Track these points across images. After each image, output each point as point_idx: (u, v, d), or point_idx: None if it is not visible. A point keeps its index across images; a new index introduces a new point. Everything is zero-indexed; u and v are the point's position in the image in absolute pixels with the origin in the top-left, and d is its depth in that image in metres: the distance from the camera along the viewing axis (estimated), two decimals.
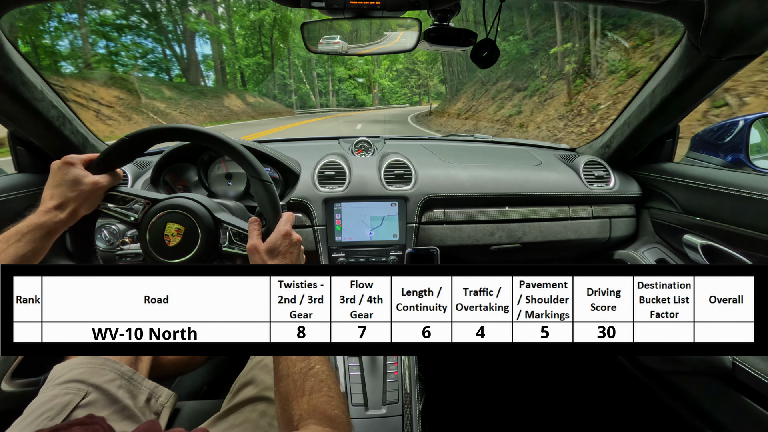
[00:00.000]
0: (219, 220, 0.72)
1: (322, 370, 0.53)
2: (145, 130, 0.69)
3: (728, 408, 0.93)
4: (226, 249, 0.71)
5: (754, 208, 0.87)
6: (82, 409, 0.62)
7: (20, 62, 0.85)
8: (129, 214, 0.72)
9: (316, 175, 1.16)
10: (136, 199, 0.72)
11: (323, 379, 0.52)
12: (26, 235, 0.59)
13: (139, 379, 0.72)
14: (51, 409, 0.60)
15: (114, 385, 0.67)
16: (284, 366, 0.54)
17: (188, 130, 0.70)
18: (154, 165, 1.07)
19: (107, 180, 0.68)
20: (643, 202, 1.26)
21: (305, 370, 0.53)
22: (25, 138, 1.00)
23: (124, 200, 0.72)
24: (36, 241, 0.59)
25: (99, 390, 0.65)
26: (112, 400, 0.66)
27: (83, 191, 0.64)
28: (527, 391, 1.45)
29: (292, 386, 0.51)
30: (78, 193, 0.63)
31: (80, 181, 0.64)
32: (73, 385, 0.64)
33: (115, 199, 0.72)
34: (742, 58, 0.82)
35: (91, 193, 0.65)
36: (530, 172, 1.26)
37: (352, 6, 0.76)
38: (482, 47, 0.85)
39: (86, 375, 0.66)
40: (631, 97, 1.15)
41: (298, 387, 0.51)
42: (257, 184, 0.69)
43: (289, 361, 0.54)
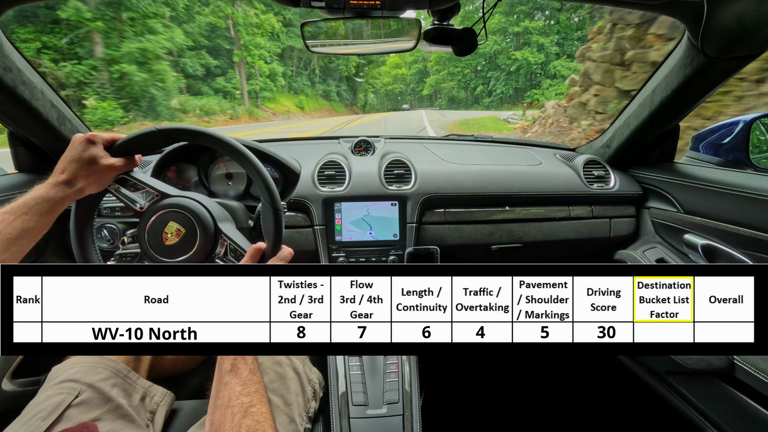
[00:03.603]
0: (220, 231, 0.71)
1: (262, 412, 0.51)
2: (177, 127, 0.68)
3: (728, 408, 0.93)
4: (218, 260, 0.71)
5: (754, 208, 0.87)
6: (74, 408, 0.62)
7: (20, 62, 0.85)
8: (136, 200, 0.71)
9: (316, 174, 1.16)
10: (146, 189, 0.71)
11: (260, 421, 0.50)
12: (33, 208, 0.58)
13: (134, 378, 0.72)
14: (44, 409, 0.60)
15: (108, 383, 0.67)
16: (225, 395, 0.52)
17: (219, 139, 0.68)
18: (155, 163, 1.07)
19: (122, 164, 0.67)
20: (643, 201, 1.26)
21: (246, 406, 0.51)
22: (25, 138, 1.00)
23: (135, 187, 0.71)
24: (42, 214, 0.59)
25: (92, 389, 0.65)
26: (106, 399, 0.65)
27: (95, 171, 0.63)
28: (527, 391, 1.45)
29: (229, 420, 0.49)
30: (90, 172, 0.62)
31: (96, 161, 0.63)
32: (67, 385, 0.64)
33: (126, 184, 0.71)
34: (742, 58, 0.82)
35: (103, 174, 0.64)
36: (530, 172, 1.26)
37: (352, 6, 0.76)
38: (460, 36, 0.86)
39: (80, 374, 0.66)
40: (632, 97, 1.15)
41: (235, 423, 0.49)
42: (269, 210, 0.68)
43: (232, 392, 0.52)
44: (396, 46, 0.89)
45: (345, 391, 0.86)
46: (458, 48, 0.87)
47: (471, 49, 0.87)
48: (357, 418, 0.83)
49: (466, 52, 0.89)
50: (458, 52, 0.88)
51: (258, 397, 0.53)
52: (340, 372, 0.89)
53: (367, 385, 0.88)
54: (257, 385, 0.54)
